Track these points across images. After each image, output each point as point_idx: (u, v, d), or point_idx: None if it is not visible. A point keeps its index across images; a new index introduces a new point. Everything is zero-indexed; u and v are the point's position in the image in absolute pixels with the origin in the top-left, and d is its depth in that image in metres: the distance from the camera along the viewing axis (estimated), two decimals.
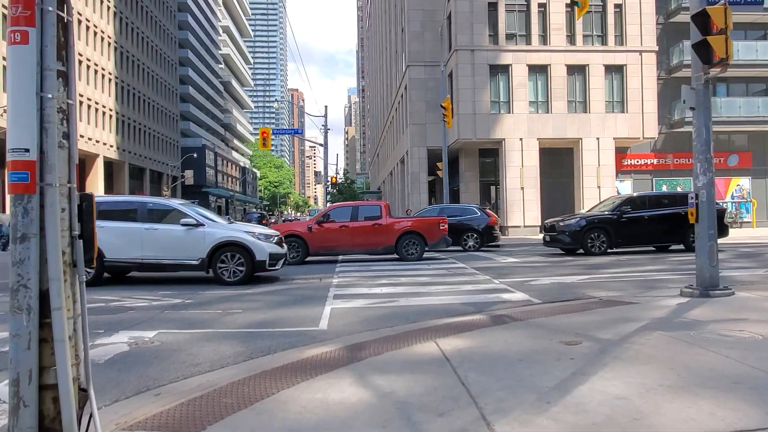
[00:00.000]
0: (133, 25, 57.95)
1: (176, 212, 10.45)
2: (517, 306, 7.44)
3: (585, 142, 28.12)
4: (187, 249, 10.10)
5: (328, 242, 14.42)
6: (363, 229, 14.53)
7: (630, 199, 16.08)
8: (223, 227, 10.55)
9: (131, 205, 10.76)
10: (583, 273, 11.00)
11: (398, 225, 14.74)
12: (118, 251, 9.97)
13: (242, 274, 10.09)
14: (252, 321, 6.73)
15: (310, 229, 14.39)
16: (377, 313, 7.14)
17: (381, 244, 14.53)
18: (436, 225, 14.98)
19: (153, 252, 10.06)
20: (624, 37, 28.14)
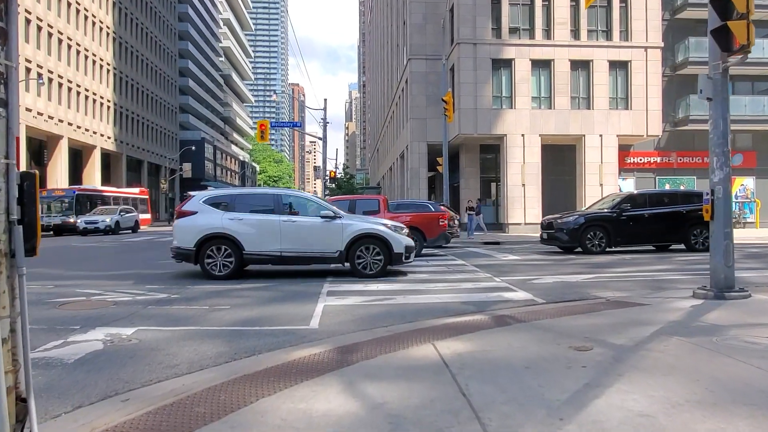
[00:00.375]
0: (133, 16, 57.36)
1: (312, 204, 10.43)
2: (519, 306, 7.06)
3: (588, 138, 27.70)
4: (326, 241, 9.95)
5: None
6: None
7: (630, 196, 15.69)
8: (358, 219, 10.54)
9: (267, 197, 10.66)
10: (586, 272, 10.62)
11: (396, 220, 14.31)
12: (257, 244, 9.81)
13: (380, 266, 9.93)
14: (239, 318, 6.35)
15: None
16: (372, 312, 6.76)
17: None
18: (435, 221, 14.58)
19: (292, 244, 9.90)
20: (629, 32, 27.68)
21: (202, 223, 9.81)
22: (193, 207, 10.05)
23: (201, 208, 9.99)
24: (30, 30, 38.82)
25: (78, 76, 45.85)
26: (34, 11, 39.11)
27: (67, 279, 9.76)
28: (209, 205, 10.03)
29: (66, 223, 29.15)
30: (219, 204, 10.08)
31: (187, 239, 9.79)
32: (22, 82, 37.02)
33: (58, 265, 12.35)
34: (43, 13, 40.45)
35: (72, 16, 45.13)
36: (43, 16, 40.34)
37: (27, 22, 38.48)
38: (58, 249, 18.58)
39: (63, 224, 29.24)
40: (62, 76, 43.23)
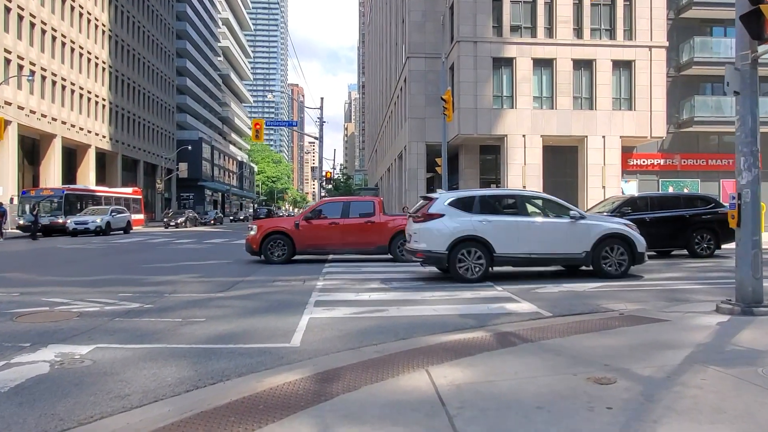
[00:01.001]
0: (129, 14, 56.69)
1: (555, 204, 10.41)
2: (524, 320, 6.42)
3: (590, 140, 27.08)
4: (572, 242, 9.89)
5: (316, 240, 13.28)
6: (354, 226, 13.38)
7: (631, 199, 15.03)
8: (601, 219, 10.45)
9: (509, 197, 10.63)
10: (592, 280, 9.97)
11: (392, 223, 13.55)
12: (506, 246, 9.70)
13: (624, 266, 9.87)
14: (213, 334, 5.69)
15: (297, 226, 13.21)
16: (362, 326, 6.11)
17: (373, 244, 13.41)
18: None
19: (540, 246, 9.83)
20: (633, 31, 27.08)
21: (453, 226, 9.71)
22: (439, 209, 9.91)
23: (447, 211, 9.88)
24: (23, 26, 38.14)
25: (72, 74, 45.17)
26: (27, 7, 38.43)
27: (37, 285, 9.11)
28: (454, 207, 9.94)
29: (55, 224, 28.45)
30: (463, 205, 10.03)
31: (439, 243, 9.62)
32: (14, 79, 36.34)
33: (33, 269, 11.71)
34: (36, 9, 39.78)
35: (66, 12, 44.47)
36: (36, 12, 39.67)
37: (20, 18, 37.81)
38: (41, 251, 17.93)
39: (52, 225, 28.53)
40: (56, 73, 42.55)
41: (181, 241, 23.48)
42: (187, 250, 18.05)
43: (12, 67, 36.48)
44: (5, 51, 36.02)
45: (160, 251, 17.44)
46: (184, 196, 75.12)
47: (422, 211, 10.17)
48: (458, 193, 10.80)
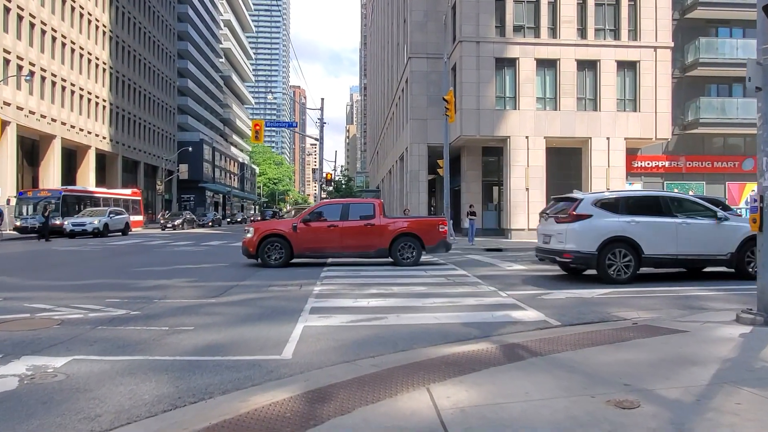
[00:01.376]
0: (130, 15, 56.48)
1: (699, 205, 10.37)
2: (531, 329, 6.06)
3: (594, 141, 26.69)
4: (718, 243, 9.98)
5: (314, 243, 12.89)
6: (354, 229, 12.99)
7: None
8: (745, 221, 10.16)
9: (653, 198, 10.60)
10: (601, 285, 9.61)
11: (393, 226, 13.23)
12: (655, 247, 9.82)
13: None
14: (200, 344, 5.34)
15: (295, 228, 12.81)
16: (359, 335, 5.76)
17: (373, 247, 13.04)
18: (434, 227, 13.55)
19: (687, 247, 9.91)
20: (638, 31, 26.71)
21: (603, 227, 9.80)
22: (586, 210, 9.98)
23: (594, 212, 9.97)
24: (23, 26, 37.91)
25: (72, 75, 44.93)
26: (26, 7, 38.20)
27: (22, 290, 8.76)
28: (600, 208, 10.03)
29: (52, 225, 28.10)
30: (609, 206, 10.14)
31: (588, 243, 9.70)
32: (13, 79, 36.09)
33: (22, 272, 11.37)
34: (36, 9, 39.56)
35: (67, 13, 44.25)
36: (36, 13, 39.44)
37: (19, 18, 37.58)
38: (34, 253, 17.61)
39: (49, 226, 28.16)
40: (56, 74, 42.31)
41: (178, 243, 23.15)
42: (183, 252, 17.71)
43: (11, 68, 36.24)
44: (4, 51, 35.78)
45: (155, 254, 17.10)
46: (185, 197, 74.87)
47: (569, 211, 10.15)
48: (602, 194, 10.88)
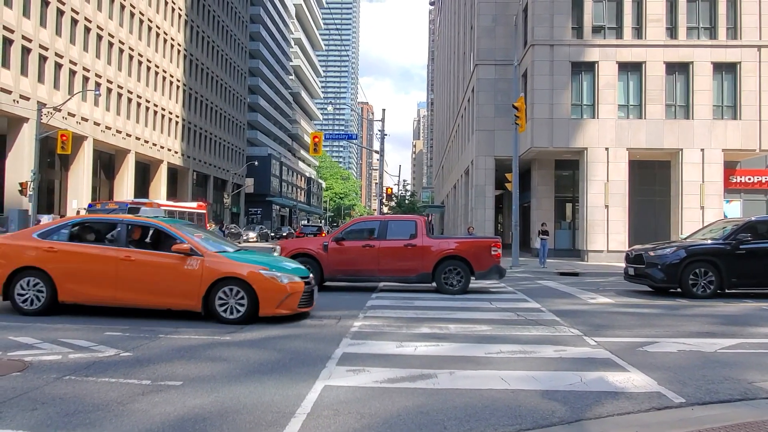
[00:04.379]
0: (204, 34, 58.42)
1: None
2: (643, 409, 4.20)
3: (686, 153, 23.71)
4: None
5: (347, 265, 11.50)
6: (392, 250, 11.49)
7: (749, 224, 11.93)
8: None
9: None
10: (719, 332, 7.45)
11: (437, 247, 11.55)
12: None
13: None
14: (174, 414, 3.91)
15: (326, 248, 11.54)
16: (395, 408, 4.14)
17: (414, 271, 11.43)
18: (486, 249, 11.60)
19: None
20: (738, 29, 23.60)
21: None
22: None
23: None
24: (101, 45, 39.63)
25: (147, 92, 46.62)
26: (106, 27, 39.95)
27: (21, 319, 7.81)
28: None
29: None
30: None
31: None
32: (91, 96, 37.62)
33: None
34: (115, 29, 41.31)
35: (144, 32, 46.08)
36: (114, 33, 41.19)
37: (99, 38, 39.32)
38: None
39: None
40: (131, 91, 43.98)
41: None
42: None
43: (90, 85, 37.81)
44: (84, 69, 37.42)
45: None
46: (252, 211, 76.31)
47: None
48: None
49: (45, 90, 33.52)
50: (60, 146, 25.22)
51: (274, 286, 7.50)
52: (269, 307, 7.48)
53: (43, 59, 33.55)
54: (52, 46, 34.18)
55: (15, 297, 7.55)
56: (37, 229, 8.08)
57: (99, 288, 7.60)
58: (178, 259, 7.52)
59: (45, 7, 33.77)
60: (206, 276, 7.42)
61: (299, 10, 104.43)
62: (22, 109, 31.06)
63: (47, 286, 7.54)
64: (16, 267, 7.60)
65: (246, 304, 7.42)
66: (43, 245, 7.69)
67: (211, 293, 7.43)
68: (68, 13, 35.82)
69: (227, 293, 7.45)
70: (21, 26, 31.54)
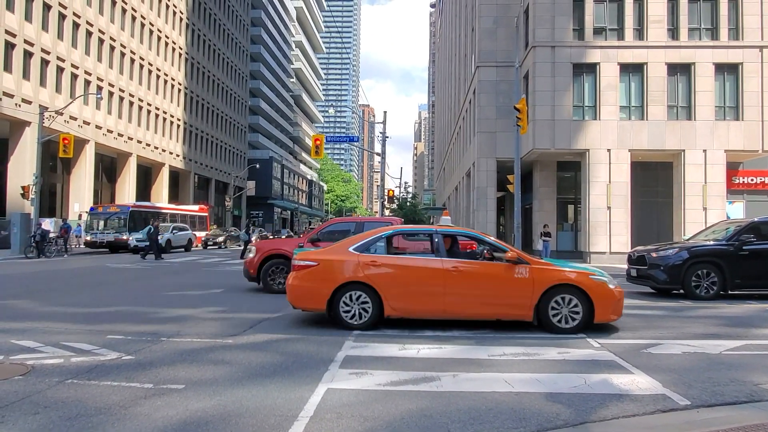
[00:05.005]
0: (205, 38, 58.54)
1: None
2: (648, 411, 4.17)
3: (688, 154, 23.67)
4: None
5: None
6: None
7: (753, 225, 11.88)
8: None
9: None
10: (724, 333, 7.41)
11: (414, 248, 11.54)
12: None
13: None
14: (177, 418, 3.90)
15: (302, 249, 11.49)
16: (398, 411, 4.12)
17: None
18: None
19: None
20: (740, 30, 23.58)
21: None
22: None
23: None
24: (103, 49, 39.73)
25: (149, 95, 46.72)
26: (107, 31, 40.06)
27: (26, 318, 7.81)
28: None
29: (119, 240, 28.56)
30: None
31: None
32: (93, 100, 37.69)
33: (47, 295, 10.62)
34: (116, 33, 41.42)
35: (145, 36, 46.19)
36: (116, 36, 41.30)
37: (100, 41, 39.42)
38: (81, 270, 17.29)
39: (116, 241, 28.67)
40: (133, 94, 44.07)
41: (233, 262, 22.45)
42: (231, 273, 16.75)
43: (91, 88, 37.88)
44: (85, 73, 37.51)
45: (202, 274, 16.27)
46: (254, 213, 76.33)
47: None
48: None
49: (47, 94, 33.61)
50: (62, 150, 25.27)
51: (605, 292, 7.24)
52: (604, 314, 7.22)
53: (45, 63, 33.64)
54: (54, 50, 34.28)
55: (340, 312, 7.30)
56: (350, 243, 7.72)
57: (427, 301, 7.33)
58: (506, 268, 7.30)
59: (47, 11, 33.88)
60: (537, 284, 7.21)
61: (300, 12, 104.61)
62: (25, 113, 31.13)
63: (373, 301, 7.29)
64: (342, 282, 7.33)
65: (581, 312, 7.19)
66: (365, 259, 7.42)
67: (541, 301, 7.22)
68: (70, 17, 35.93)
69: (560, 302, 7.22)
70: (23, 30, 31.64)
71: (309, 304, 7.52)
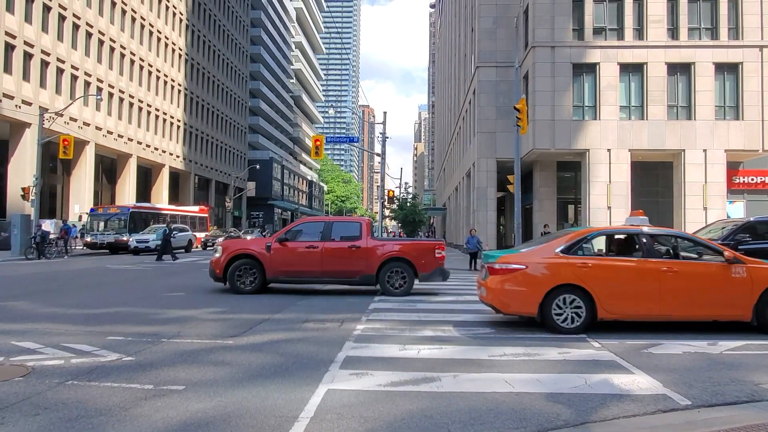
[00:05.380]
0: (205, 39, 58.57)
1: None
2: (649, 411, 4.17)
3: (688, 154, 23.67)
4: None
5: (290, 266, 11.29)
6: (336, 252, 11.38)
7: (749, 224, 11.82)
8: None
9: None
10: (725, 333, 7.41)
11: (382, 249, 11.52)
12: None
13: None
14: (177, 419, 3.89)
15: (269, 249, 11.29)
16: (398, 411, 4.11)
17: (358, 273, 11.36)
18: (430, 251, 11.63)
19: None
20: (740, 30, 23.58)
21: None
22: None
23: None
24: (103, 50, 39.75)
25: (149, 96, 46.74)
26: (107, 32, 40.08)
27: (25, 320, 7.80)
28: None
29: (119, 241, 28.55)
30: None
31: None
32: (92, 102, 37.71)
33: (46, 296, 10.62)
34: (116, 34, 41.45)
35: (145, 37, 46.22)
36: (116, 37, 41.33)
37: (100, 43, 39.44)
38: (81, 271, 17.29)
39: (116, 242, 28.66)
40: (133, 96, 44.09)
41: None
42: None
43: (91, 90, 37.90)
44: (85, 74, 37.53)
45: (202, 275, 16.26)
46: (254, 214, 76.34)
47: None
48: None
49: (47, 95, 33.62)
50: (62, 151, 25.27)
51: None
52: None
53: (44, 64, 33.66)
54: (54, 52, 34.29)
55: (552, 315, 7.19)
56: (555, 245, 7.51)
57: (642, 303, 7.20)
58: (723, 268, 7.21)
59: (47, 12, 33.90)
60: (756, 283, 7.12)
61: (300, 13, 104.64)
62: (25, 114, 31.15)
63: (586, 304, 7.16)
64: (553, 285, 7.18)
65: None
66: (575, 261, 7.28)
67: (760, 301, 7.15)
68: (70, 19, 35.95)
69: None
70: (23, 32, 31.65)
71: (518, 309, 7.41)
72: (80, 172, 37.92)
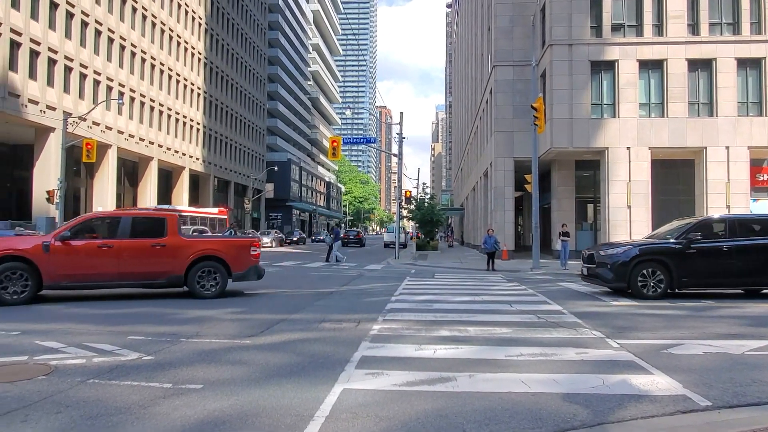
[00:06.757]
0: (224, 42, 59.24)
1: None
2: (668, 412, 4.11)
3: (710, 152, 23.21)
4: None
5: (77, 269, 9.79)
6: (136, 251, 10.16)
7: (704, 223, 11.56)
8: None
9: None
10: (748, 333, 7.26)
11: (191, 247, 10.56)
12: None
13: None
14: (195, 418, 3.95)
15: (47, 249, 9.58)
16: (414, 411, 4.12)
17: (164, 274, 10.34)
18: (245, 249, 11.08)
19: None
20: (764, 24, 23.05)
21: None
22: None
23: None
24: (124, 55, 40.47)
25: (169, 100, 47.44)
26: (128, 37, 40.80)
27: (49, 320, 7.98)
28: None
29: None
30: None
31: None
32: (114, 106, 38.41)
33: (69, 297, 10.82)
34: (137, 39, 42.17)
35: (165, 42, 46.93)
36: (136, 42, 42.05)
37: (121, 48, 40.17)
38: None
39: None
40: (154, 99, 44.80)
41: None
42: None
43: (113, 94, 38.62)
44: (107, 79, 38.25)
45: None
46: (273, 216, 76.97)
47: None
48: None
49: (70, 100, 34.34)
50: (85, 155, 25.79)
51: None
52: None
53: (68, 70, 34.39)
54: (77, 57, 35.01)
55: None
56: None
57: None
58: None
59: (69, 19, 34.63)
60: None
61: (317, 16, 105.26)
62: (49, 119, 31.86)
63: None
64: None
65: None
66: None
67: None
68: (92, 24, 36.68)
69: None
70: (47, 38, 32.39)
71: None
72: (103, 175, 38.66)
